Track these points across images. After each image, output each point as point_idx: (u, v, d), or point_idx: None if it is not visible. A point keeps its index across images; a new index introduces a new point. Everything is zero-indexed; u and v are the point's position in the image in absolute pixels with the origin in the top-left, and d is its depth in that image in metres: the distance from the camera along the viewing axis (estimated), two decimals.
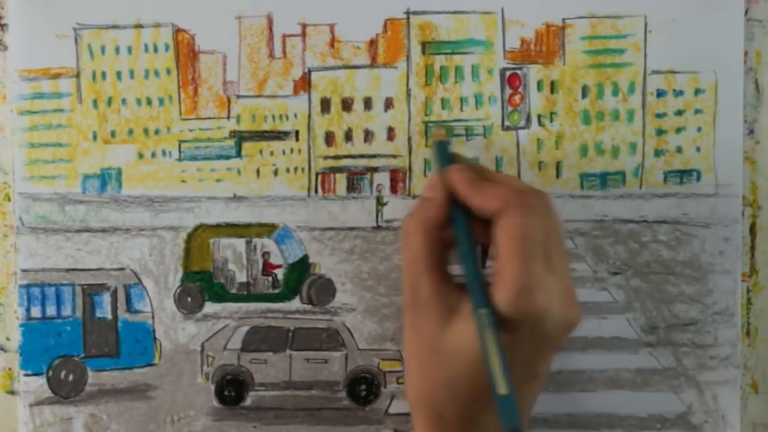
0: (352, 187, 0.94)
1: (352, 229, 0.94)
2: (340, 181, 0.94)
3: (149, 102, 0.93)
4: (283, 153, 0.94)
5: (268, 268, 0.95)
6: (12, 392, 0.95)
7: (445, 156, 0.78)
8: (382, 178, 0.94)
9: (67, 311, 0.94)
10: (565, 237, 0.93)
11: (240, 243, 0.95)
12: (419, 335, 0.65)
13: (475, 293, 0.64)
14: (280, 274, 0.95)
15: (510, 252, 0.62)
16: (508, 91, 0.93)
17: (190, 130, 0.94)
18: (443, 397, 0.64)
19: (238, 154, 0.94)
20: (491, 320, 0.61)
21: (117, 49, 0.93)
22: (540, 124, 0.92)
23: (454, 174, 0.71)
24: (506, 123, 0.93)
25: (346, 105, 0.93)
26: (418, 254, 0.68)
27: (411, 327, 0.67)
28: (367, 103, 0.93)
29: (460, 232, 0.70)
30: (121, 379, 0.94)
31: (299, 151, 0.94)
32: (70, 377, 0.94)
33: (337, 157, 0.94)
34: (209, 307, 0.94)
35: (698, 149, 0.93)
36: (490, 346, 0.60)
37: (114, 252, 0.94)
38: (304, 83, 0.93)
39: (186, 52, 0.93)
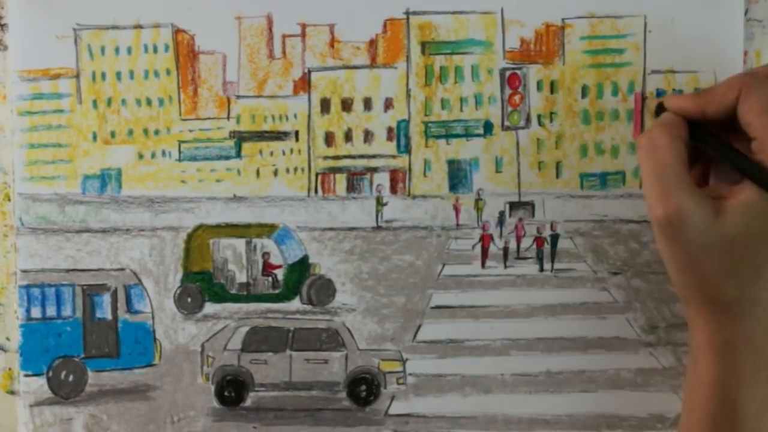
0: (352, 187, 0.94)
1: (352, 229, 0.93)
2: (340, 181, 0.94)
3: (149, 102, 0.93)
4: (283, 153, 0.94)
5: (268, 268, 0.95)
6: (12, 392, 0.95)
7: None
8: (382, 178, 0.94)
9: (67, 312, 0.94)
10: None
11: (240, 243, 0.95)
12: (684, 236, 0.67)
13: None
14: (280, 274, 0.95)
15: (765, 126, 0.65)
16: (508, 91, 0.93)
17: (190, 131, 0.94)
18: (727, 284, 0.66)
19: (238, 155, 0.94)
20: None
21: (117, 50, 0.93)
22: (540, 124, 0.92)
23: (679, 98, 0.72)
24: (506, 123, 0.93)
25: (346, 105, 0.93)
26: (668, 159, 0.70)
27: (673, 233, 0.68)
28: (367, 104, 0.93)
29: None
30: (121, 379, 0.94)
31: (299, 151, 0.94)
32: (70, 378, 0.94)
33: (337, 158, 0.94)
34: (209, 308, 0.94)
35: None
36: None
37: (114, 252, 0.94)
38: (304, 83, 0.93)
39: (186, 53, 0.93)
